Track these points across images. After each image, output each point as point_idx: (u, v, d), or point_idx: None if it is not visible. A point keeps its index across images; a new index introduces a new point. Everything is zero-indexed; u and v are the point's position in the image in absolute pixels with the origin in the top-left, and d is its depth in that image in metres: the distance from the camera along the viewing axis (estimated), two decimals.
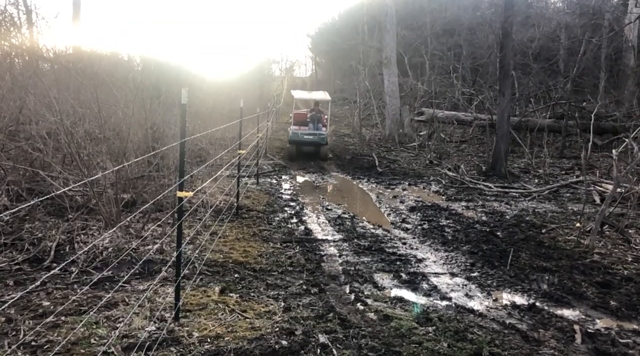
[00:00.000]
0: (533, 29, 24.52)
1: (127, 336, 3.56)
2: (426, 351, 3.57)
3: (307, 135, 15.68)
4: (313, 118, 16.06)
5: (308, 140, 15.75)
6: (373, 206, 9.80)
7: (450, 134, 18.83)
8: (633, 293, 5.07)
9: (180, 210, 3.87)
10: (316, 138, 15.61)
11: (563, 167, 14.06)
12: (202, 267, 5.19)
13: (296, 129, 16.01)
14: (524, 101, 19.87)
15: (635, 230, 7.47)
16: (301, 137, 15.68)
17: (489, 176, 12.79)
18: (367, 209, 9.62)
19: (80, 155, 6.51)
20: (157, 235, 6.09)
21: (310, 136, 15.65)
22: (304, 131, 15.88)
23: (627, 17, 18.20)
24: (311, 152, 16.27)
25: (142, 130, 7.77)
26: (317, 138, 15.62)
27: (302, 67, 61.68)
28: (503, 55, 13.36)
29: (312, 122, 16.07)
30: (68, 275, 4.82)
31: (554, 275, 5.65)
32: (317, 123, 16.11)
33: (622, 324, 4.41)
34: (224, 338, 3.66)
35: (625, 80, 19.79)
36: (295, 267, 5.70)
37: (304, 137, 15.70)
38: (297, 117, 16.90)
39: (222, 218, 7.48)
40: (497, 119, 13.85)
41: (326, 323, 4.05)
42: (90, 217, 6.51)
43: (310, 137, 15.66)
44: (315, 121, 16.03)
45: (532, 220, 8.26)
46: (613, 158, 7.23)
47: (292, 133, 15.84)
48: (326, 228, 7.67)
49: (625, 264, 5.95)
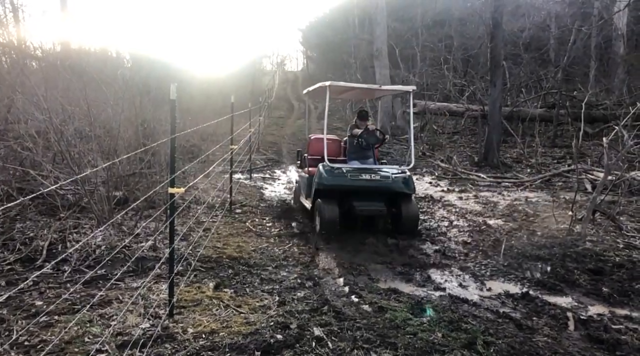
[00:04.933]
0: (523, 18, 24.54)
1: (121, 334, 3.55)
2: (421, 341, 3.58)
3: (364, 174, 6.81)
4: (368, 141, 7.49)
5: (369, 186, 6.77)
6: None
7: (443, 126, 18.87)
8: (624, 280, 5.12)
9: (172, 207, 3.85)
10: (389, 182, 6.81)
11: (555, 156, 14.13)
12: (196, 263, 5.17)
13: (327, 168, 6.81)
14: (515, 91, 19.91)
15: (627, 217, 7.52)
16: (348, 180, 6.71)
17: (481, 166, 12.84)
18: None
19: (70, 154, 6.45)
20: (150, 232, 6.06)
21: (374, 177, 6.79)
22: (354, 168, 6.97)
23: (616, 5, 18.25)
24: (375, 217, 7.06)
25: (132, 127, 7.71)
26: (391, 183, 6.82)
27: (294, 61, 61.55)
28: (494, 46, 13.37)
29: (367, 148, 7.61)
30: (61, 274, 4.78)
31: (547, 264, 5.69)
32: (371, 147, 7.66)
33: (614, 310, 4.45)
34: (218, 334, 3.66)
35: (615, 69, 19.88)
36: (289, 260, 5.70)
37: (359, 178, 6.74)
38: (318, 145, 7.94)
39: (216, 214, 7.46)
40: (489, 110, 13.89)
41: (321, 316, 4.05)
42: (82, 215, 6.47)
43: (373, 178, 6.78)
44: (370, 145, 7.57)
45: (524, 209, 8.31)
46: (604, 147, 7.27)
47: (322, 174, 6.77)
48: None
49: (617, 251, 6.00)
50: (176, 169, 3.89)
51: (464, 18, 26.54)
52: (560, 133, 16.61)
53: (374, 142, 7.53)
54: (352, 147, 7.71)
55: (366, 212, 6.67)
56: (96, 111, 7.30)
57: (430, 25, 28.03)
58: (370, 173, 6.78)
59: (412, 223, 6.84)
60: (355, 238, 6.62)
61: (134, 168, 7.47)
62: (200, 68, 21.22)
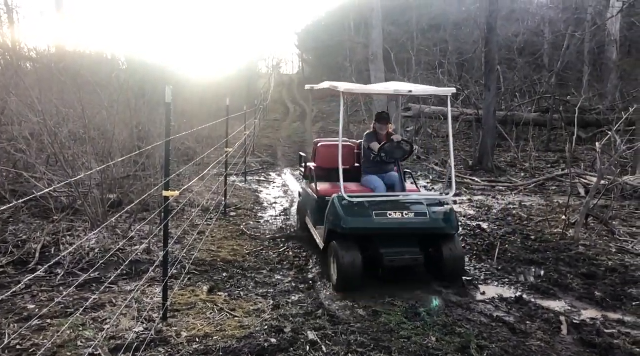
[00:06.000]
0: (517, 23, 24.72)
1: (115, 338, 3.54)
2: (415, 345, 3.59)
3: (393, 211, 4.97)
4: (393, 156, 5.74)
5: (402, 228, 4.98)
6: None
7: (437, 129, 18.92)
8: (617, 284, 5.14)
9: (167, 210, 3.85)
10: (427, 220, 5.01)
11: (549, 160, 14.20)
12: (190, 267, 5.16)
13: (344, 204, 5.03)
14: (510, 95, 20.02)
15: (619, 222, 7.57)
16: (374, 221, 4.90)
17: (476, 170, 12.88)
18: None
19: (64, 156, 6.44)
20: (144, 235, 6.04)
21: (407, 215, 4.98)
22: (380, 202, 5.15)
23: (609, 11, 18.40)
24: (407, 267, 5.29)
25: (127, 130, 7.70)
26: (429, 222, 5.02)
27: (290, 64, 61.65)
28: (488, 50, 13.45)
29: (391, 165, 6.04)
30: (54, 277, 4.76)
31: (541, 268, 5.71)
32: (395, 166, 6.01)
33: (606, 314, 4.47)
34: (212, 338, 3.65)
35: (608, 74, 20.02)
36: (284, 264, 5.69)
37: (388, 218, 4.92)
38: (327, 154, 6.60)
39: (210, 217, 7.45)
40: (483, 114, 13.94)
41: (315, 320, 4.05)
42: (76, 218, 6.45)
43: (405, 216, 4.97)
44: (397, 161, 5.86)
45: (518, 213, 8.34)
46: (596, 151, 7.32)
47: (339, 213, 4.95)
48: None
49: (610, 255, 6.03)
50: (171, 172, 3.88)
51: (459, 22, 26.70)
52: (554, 138, 16.70)
53: (399, 156, 5.73)
54: (369, 161, 6.07)
55: (398, 262, 4.92)
56: (91, 113, 7.28)
57: (426, 29, 28.17)
58: (401, 210, 4.97)
59: (457, 268, 5.14)
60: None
61: (128, 171, 7.45)
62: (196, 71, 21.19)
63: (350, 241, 4.97)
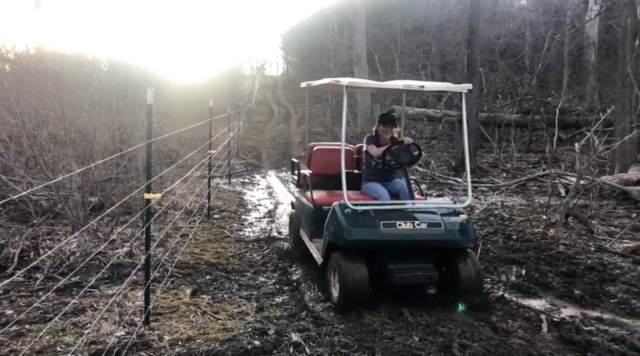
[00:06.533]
0: (499, 26, 25.04)
1: (95, 343, 3.49)
2: (398, 345, 3.61)
3: (403, 221, 4.40)
4: (399, 160, 5.10)
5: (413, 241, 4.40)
6: None
7: (421, 131, 19.08)
8: (596, 282, 5.25)
9: (149, 212, 3.81)
10: (442, 232, 4.41)
11: (530, 160, 14.41)
12: (173, 270, 5.12)
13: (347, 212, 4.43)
14: (492, 97, 20.29)
15: (598, 221, 7.73)
16: (382, 232, 4.31)
17: (458, 171, 13.01)
18: None
19: (44, 159, 6.34)
20: (126, 238, 5.97)
21: (418, 225, 4.39)
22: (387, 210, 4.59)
23: (588, 14, 18.75)
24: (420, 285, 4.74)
25: (109, 132, 7.61)
26: (444, 233, 4.42)
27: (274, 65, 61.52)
28: (470, 52, 13.61)
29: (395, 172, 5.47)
30: (33, 282, 4.68)
31: (522, 267, 5.79)
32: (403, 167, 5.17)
33: (585, 312, 4.56)
34: (195, 341, 3.62)
35: (587, 76, 20.41)
36: (268, 266, 5.68)
37: (398, 229, 4.34)
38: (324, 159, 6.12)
39: (193, 219, 7.40)
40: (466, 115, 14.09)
41: (299, 322, 4.05)
42: (57, 221, 6.35)
43: (417, 227, 4.38)
44: (403, 166, 5.14)
45: (500, 213, 8.45)
46: (576, 152, 7.45)
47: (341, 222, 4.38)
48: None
49: (589, 254, 6.15)
50: (153, 174, 3.85)
51: (441, 25, 26.95)
52: (535, 139, 16.95)
53: (407, 160, 5.10)
54: (370, 167, 5.46)
55: (409, 279, 4.34)
56: (71, 115, 7.18)
57: (409, 31, 28.36)
58: (412, 220, 4.40)
59: (475, 288, 4.49)
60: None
61: (110, 174, 7.37)
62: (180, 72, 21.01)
63: (354, 254, 4.37)
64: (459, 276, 4.45)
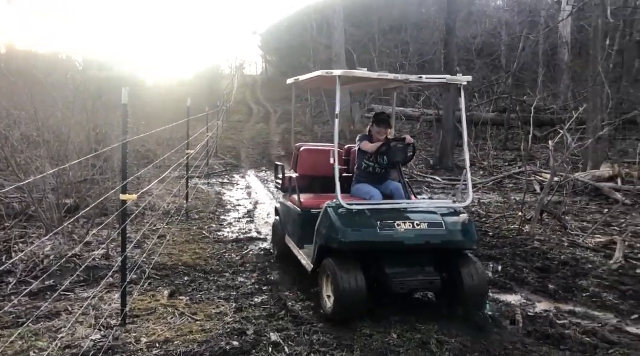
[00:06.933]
0: (476, 26, 25.40)
1: (70, 347, 3.43)
2: (377, 343, 3.64)
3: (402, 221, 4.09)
4: (393, 159, 4.94)
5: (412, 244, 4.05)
6: None
7: (399, 130, 19.21)
8: (569, 277, 5.37)
9: (124, 214, 3.77)
10: (444, 232, 4.13)
11: (506, 158, 14.67)
12: (150, 271, 5.06)
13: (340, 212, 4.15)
14: (469, 96, 20.54)
15: (572, 217, 7.91)
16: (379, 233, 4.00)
17: (436, 169, 13.17)
18: None
19: (16, 160, 6.20)
20: (103, 240, 5.88)
21: (418, 225, 4.09)
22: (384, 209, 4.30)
23: (561, 15, 19.16)
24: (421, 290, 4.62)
25: (84, 132, 7.48)
26: (446, 234, 4.13)
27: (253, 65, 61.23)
28: (448, 52, 13.78)
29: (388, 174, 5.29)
30: (5, 286, 4.57)
31: (498, 263, 5.90)
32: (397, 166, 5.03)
33: (559, 306, 4.66)
34: (173, 342, 3.59)
35: (560, 75, 20.85)
36: (247, 266, 5.66)
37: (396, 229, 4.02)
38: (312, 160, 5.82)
39: (171, 220, 7.32)
40: (444, 114, 14.27)
41: (278, 321, 4.05)
42: (30, 224, 6.22)
43: (417, 227, 4.08)
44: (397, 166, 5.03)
45: (477, 210, 8.58)
46: (550, 150, 7.61)
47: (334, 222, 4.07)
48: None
49: (562, 249, 6.29)
50: (130, 175, 3.80)
51: (419, 24, 27.18)
52: (511, 137, 17.25)
53: (401, 159, 4.96)
54: (362, 169, 5.20)
55: (409, 285, 4.07)
56: (44, 115, 7.03)
57: (387, 30, 28.53)
58: (411, 221, 4.11)
59: (480, 296, 4.22)
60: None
61: (85, 175, 7.23)
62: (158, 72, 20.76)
63: (349, 259, 4.06)
64: (462, 282, 4.14)
